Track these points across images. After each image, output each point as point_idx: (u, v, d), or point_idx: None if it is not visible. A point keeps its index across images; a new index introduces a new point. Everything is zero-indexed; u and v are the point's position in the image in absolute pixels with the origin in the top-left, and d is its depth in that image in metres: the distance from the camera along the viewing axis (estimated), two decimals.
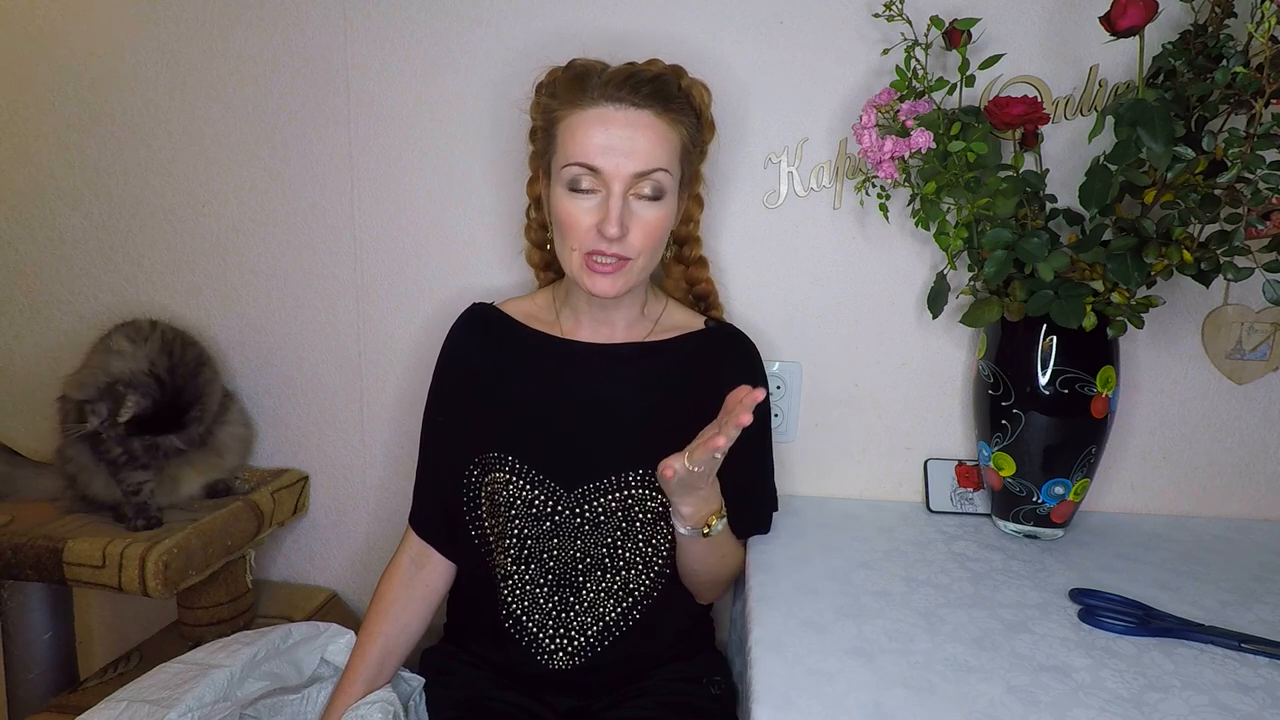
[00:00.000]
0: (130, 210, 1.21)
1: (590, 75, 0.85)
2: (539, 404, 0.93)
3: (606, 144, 0.82)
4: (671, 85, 0.86)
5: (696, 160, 0.93)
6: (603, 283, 0.86)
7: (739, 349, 0.97)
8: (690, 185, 0.94)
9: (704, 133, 0.93)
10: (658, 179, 0.84)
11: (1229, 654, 0.78)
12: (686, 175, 0.90)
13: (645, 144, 0.83)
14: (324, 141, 1.15)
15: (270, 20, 1.12)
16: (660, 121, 0.84)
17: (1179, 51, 0.86)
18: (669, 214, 0.87)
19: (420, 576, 0.97)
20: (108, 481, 1.04)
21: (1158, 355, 1.09)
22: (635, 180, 0.83)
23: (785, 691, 0.72)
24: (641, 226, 0.84)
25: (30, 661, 1.10)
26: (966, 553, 0.99)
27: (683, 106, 0.87)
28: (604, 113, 0.83)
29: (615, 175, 0.82)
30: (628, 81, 0.83)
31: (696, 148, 0.91)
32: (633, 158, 0.82)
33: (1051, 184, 0.97)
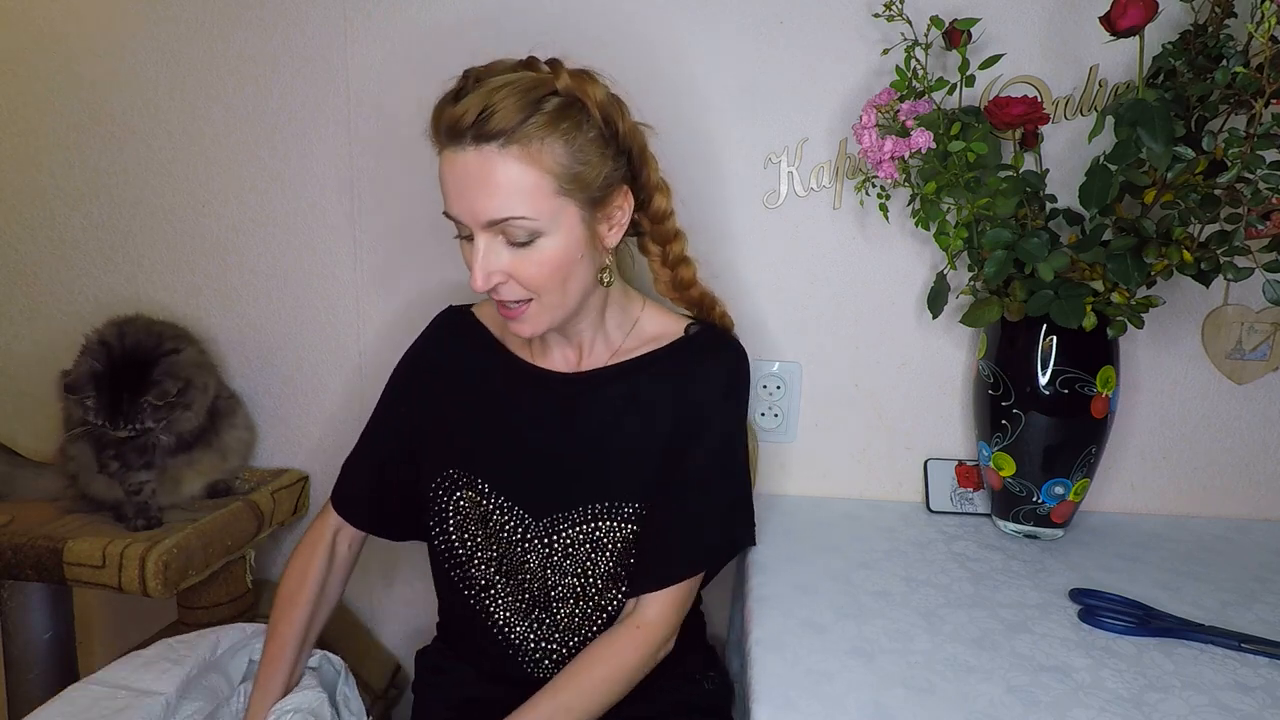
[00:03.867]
0: (130, 210, 1.21)
1: (441, 106, 0.73)
2: (506, 429, 0.89)
3: (457, 190, 0.73)
4: (515, 109, 0.70)
5: (609, 169, 0.76)
6: (517, 326, 0.79)
7: (711, 361, 0.86)
8: (610, 199, 0.78)
9: (604, 134, 0.76)
10: (519, 225, 0.72)
11: (1229, 654, 0.78)
12: (588, 195, 0.75)
13: (490, 190, 0.71)
14: (324, 141, 1.15)
15: (270, 20, 1.12)
16: (506, 160, 0.70)
17: (1179, 51, 0.86)
18: (562, 248, 0.74)
19: (339, 551, 0.94)
20: (108, 481, 1.03)
21: (1158, 355, 1.09)
22: (494, 226, 0.73)
23: (785, 691, 0.72)
24: (521, 271, 0.74)
25: (30, 661, 1.10)
26: (966, 553, 0.99)
27: (544, 127, 0.71)
28: (451, 155, 0.72)
29: (471, 223, 0.73)
30: (455, 116, 0.70)
31: (594, 161, 0.74)
32: (481, 206, 0.72)
33: (1051, 184, 0.97)
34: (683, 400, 0.84)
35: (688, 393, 0.84)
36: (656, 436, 0.84)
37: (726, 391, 0.86)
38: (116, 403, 0.97)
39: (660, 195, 0.85)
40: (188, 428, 1.06)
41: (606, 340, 0.88)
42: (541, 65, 0.75)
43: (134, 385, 0.98)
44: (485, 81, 0.72)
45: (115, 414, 0.97)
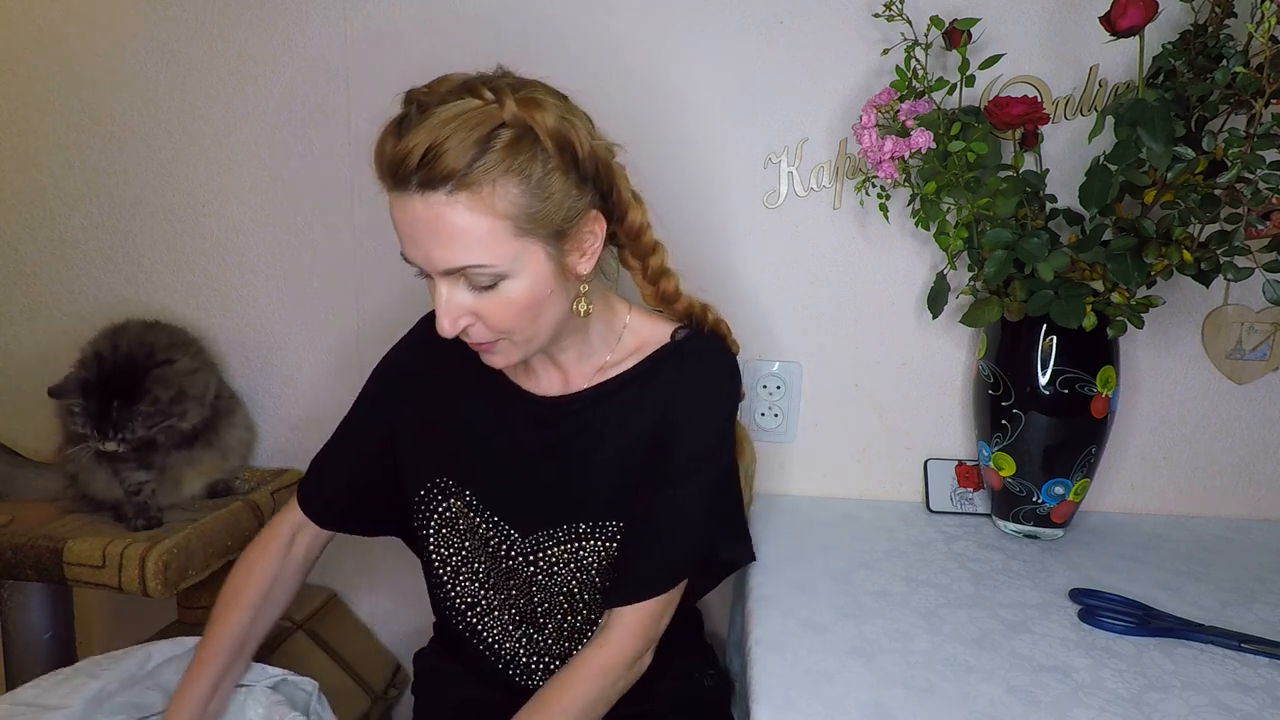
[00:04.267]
0: (130, 210, 1.21)
1: (383, 140, 0.67)
2: (491, 446, 0.86)
3: (410, 236, 0.68)
4: (462, 150, 0.63)
5: (573, 197, 0.70)
6: (489, 359, 0.76)
7: (695, 371, 0.82)
8: (579, 227, 0.72)
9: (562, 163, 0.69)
10: (478, 273, 0.68)
11: (1229, 654, 0.78)
12: (552, 229, 0.69)
13: (443, 240, 0.66)
14: (324, 141, 1.15)
15: (270, 20, 1.12)
16: (455, 209, 0.65)
17: (1179, 51, 0.86)
18: (528, 288, 0.70)
19: (295, 554, 0.90)
20: (109, 481, 1.04)
21: (1158, 355, 1.09)
22: (452, 274, 0.68)
23: (785, 691, 0.72)
24: (487, 313, 0.71)
25: (30, 661, 1.09)
26: (966, 553, 0.99)
27: (495, 167, 0.64)
28: (397, 199, 0.67)
29: (429, 270, 0.69)
30: (397, 161, 0.65)
31: (555, 193, 0.68)
32: (436, 255, 0.67)
33: (1051, 184, 0.97)
34: (665, 412, 0.80)
35: (670, 404, 0.80)
36: (638, 453, 0.81)
37: (709, 402, 0.82)
38: (105, 411, 0.97)
39: (634, 210, 0.79)
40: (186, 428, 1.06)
41: (592, 355, 0.84)
42: (485, 91, 0.66)
43: (124, 394, 0.98)
44: (430, 114, 0.65)
45: (104, 422, 0.97)
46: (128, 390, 0.98)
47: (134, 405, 0.98)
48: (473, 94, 0.66)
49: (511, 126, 0.66)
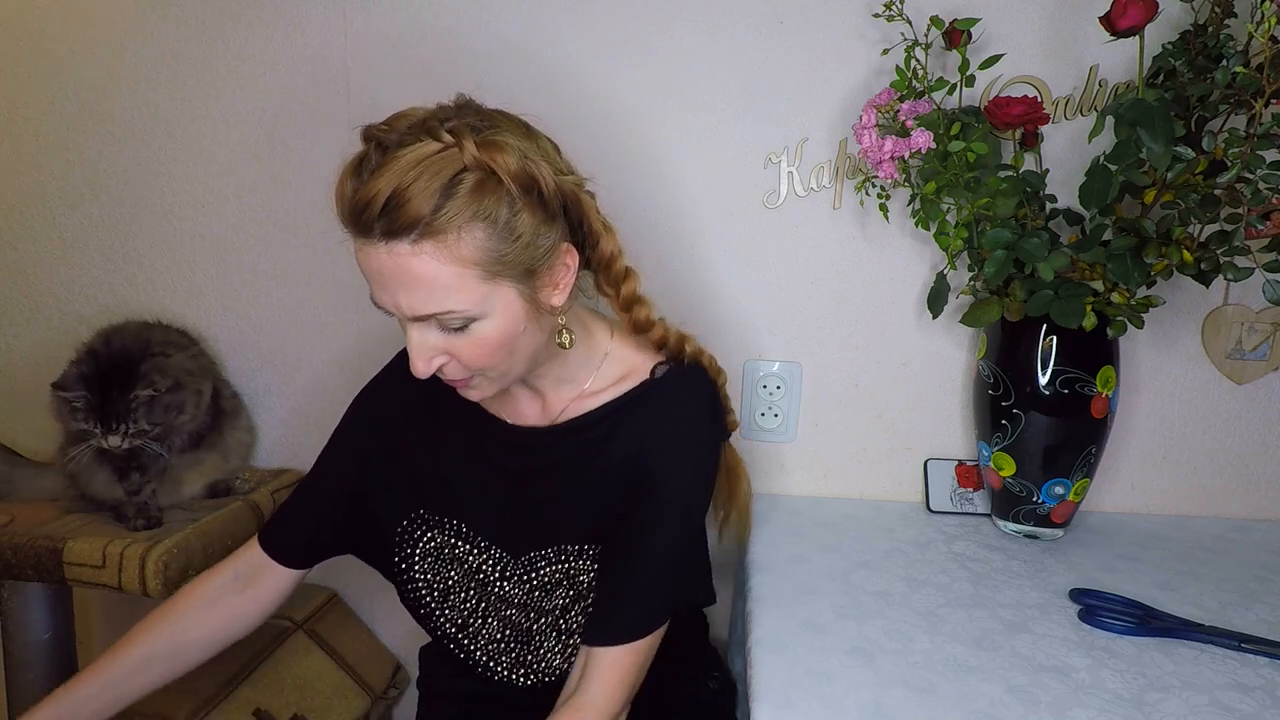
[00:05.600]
0: (130, 210, 1.21)
1: (343, 181, 0.66)
2: (476, 473, 0.85)
3: (377, 283, 0.67)
4: (425, 197, 0.62)
5: (542, 235, 0.69)
6: (465, 394, 0.76)
7: (672, 410, 0.80)
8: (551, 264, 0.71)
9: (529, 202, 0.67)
10: (448, 318, 0.67)
11: (1229, 654, 0.78)
12: (523, 269, 0.68)
13: (410, 289, 0.66)
14: (324, 141, 1.15)
15: (270, 20, 1.12)
16: (420, 259, 0.64)
17: (1179, 51, 0.86)
18: (501, 328, 0.69)
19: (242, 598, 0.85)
20: (109, 481, 1.03)
21: (1158, 355, 1.09)
22: (422, 319, 0.68)
23: (785, 691, 0.72)
24: (460, 353, 0.70)
25: (30, 661, 1.09)
26: (966, 553, 0.99)
27: (460, 214, 0.63)
28: (361, 246, 0.66)
29: (399, 315, 0.69)
30: (359, 209, 0.63)
31: (524, 234, 0.67)
32: (405, 302, 0.67)
33: (1051, 184, 0.97)
34: (643, 451, 0.79)
35: (648, 443, 0.79)
36: (615, 486, 0.80)
37: (688, 443, 0.80)
38: (106, 401, 0.96)
39: (605, 239, 0.78)
40: (188, 428, 1.06)
41: (571, 381, 0.82)
42: (443, 133, 0.64)
43: (122, 383, 0.98)
44: (391, 157, 0.63)
45: (106, 414, 0.97)
46: (125, 380, 0.98)
47: (132, 393, 0.97)
48: (431, 135, 0.64)
49: (474, 170, 0.64)
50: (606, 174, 1.11)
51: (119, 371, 0.98)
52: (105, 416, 0.97)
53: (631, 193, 1.11)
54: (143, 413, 0.98)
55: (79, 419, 0.97)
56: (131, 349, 1.02)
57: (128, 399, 0.97)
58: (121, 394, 0.97)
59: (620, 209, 1.11)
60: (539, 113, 1.09)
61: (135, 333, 1.06)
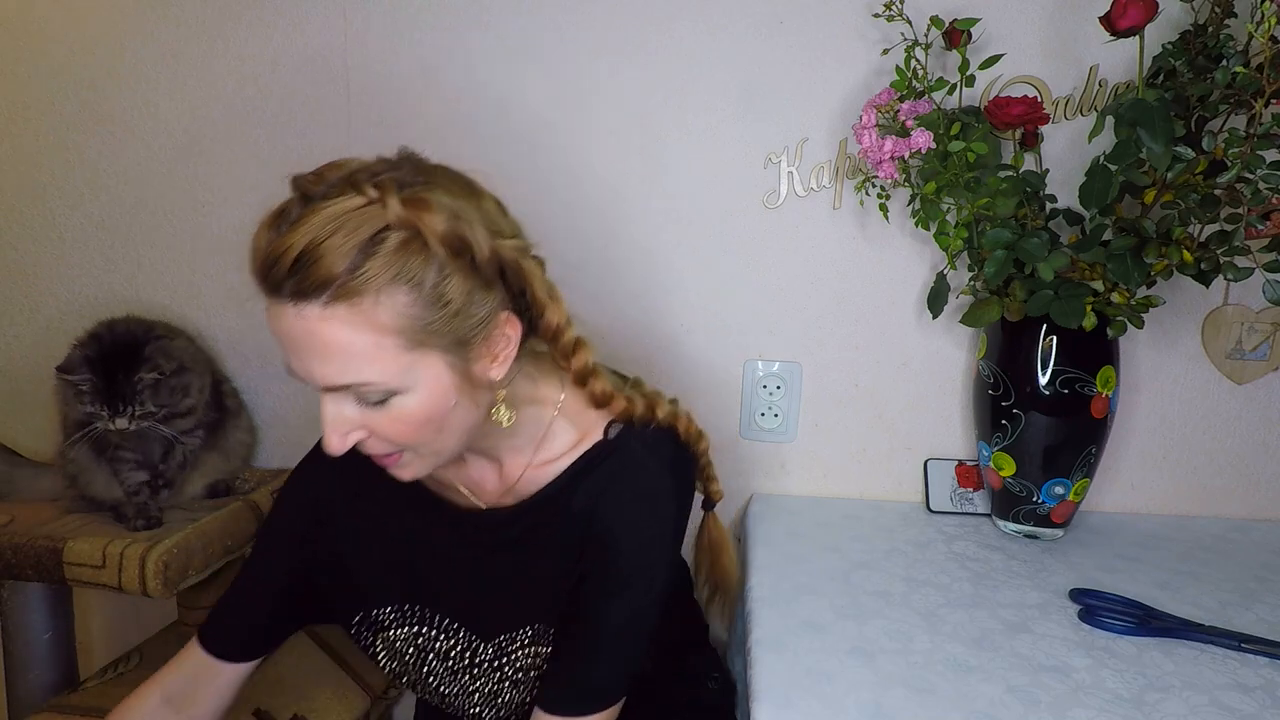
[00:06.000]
0: (130, 210, 1.21)
1: (259, 232, 0.60)
2: (436, 556, 0.79)
3: (288, 347, 0.61)
4: (340, 256, 0.56)
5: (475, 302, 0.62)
6: (395, 472, 0.69)
7: (625, 477, 0.74)
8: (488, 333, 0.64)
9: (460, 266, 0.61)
10: (365, 390, 0.61)
11: (1229, 654, 0.78)
12: (453, 339, 0.62)
13: (321, 356, 0.59)
14: (324, 141, 1.15)
15: (270, 20, 1.12)
16: (331, 324, 0.58)
17: (1179, 51, 0.86)
18: (425, 403, 0.63)
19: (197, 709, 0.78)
20: (109, 481, 1.03)
21: (1158, 355, 1.09)
22: (336, 390, 0.61)
23: (785, 691, 0.72)
24: (380, 428, 0.63)
25: (30, 661, 1.10)
26: (966, 553, 0.99)
27: (378, 277, 0.57)
28: (271, 306, 0.60)
29: (312, 385, 0.62)
30: (268, 264, 0.58)
31: (455, 300, 0.61)
32: (316, 371, 0.60)
33: (1051, 184, 0.97)
34: (596, 517, 0.73)
35: (601, 509, 0.72)
36: (575, 560, 0.74)
37: (643, 507, 0.74)
38: (111, 383, 0.96)
39: (551, 309, 0.69)
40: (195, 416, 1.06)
41: (528, 448, 0.75)
42: (368, 187, 0.58)
43: (127, 365, 0.97)
44: (309, 211, 0.58)
45: (112, 396, 0.96)
46: (129, 362, 0.98)
47: (137, 375, 0.97)
48: (356, 190, 0.58)
49: (398, 229, 0.58)
50: (607, 174, 1.11)
51: (123, 354, 0.98)
52: (111, 399, 0.96)
53: (631, 193, 1.11)
54: (149, 395, 0.98)
55: (85, 402, 0.97)
56: (135, 331, 1.02)
57: (133, 381, 0.97)
58: (127, 376, 0.97)
59: (620, 210, 1.12)
60: (539, 113, 1.11)
61: (136, 320, 1.06)
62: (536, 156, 1.12)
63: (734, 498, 1.19)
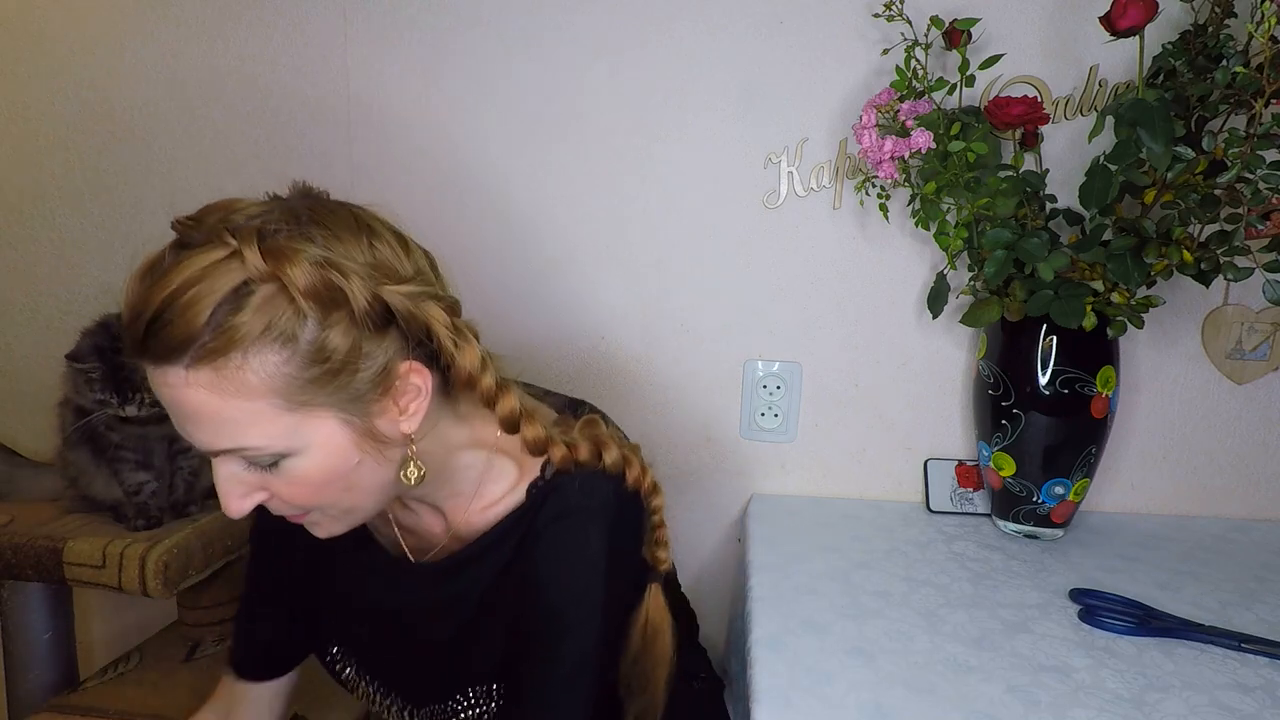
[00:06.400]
0: (130, 210, 1.21)
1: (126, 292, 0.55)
2: (368, 614, 0.77)
3: (166, 409, 0.56)
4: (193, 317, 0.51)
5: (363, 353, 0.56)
6: (314, 530, 0.64)
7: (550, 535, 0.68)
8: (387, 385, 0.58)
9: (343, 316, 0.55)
10: (250, 454, 0.56)
11: (1229, 654, 0.78)
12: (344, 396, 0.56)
13: (195, 422, 0.54)
14: (324, 141, 1.15)
15: (270, 20, 1.12)
16: (195, 390, 0.52)
17: (1179, 51, 0.86)
18: (321, 465, 0.57)
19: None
20: (108, 483, 1.03)
21: (1158, 355, 1.09)
22: (222, 454, 0.57)
23: (785, 691, 0.72)
24: (279, 491, 0.59)
25: (30, 661, 1.10)
26: (966, 553, 0.99)
27: (242, 339, 0.52)
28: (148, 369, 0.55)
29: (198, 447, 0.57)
30: (130, 321, 0.53)
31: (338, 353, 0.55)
32: (196, 436, 0.56)
33: (1051, 184, 0.97)
34: (527, 565, 0.68)
35: (532, 556, 0.68)
36: (510, 610, 0.70)
37: (569, 553, 0.67)
38: (121, 370, 0.96)
39: (462, 355, 0.61)
40: None
41: (467, 494, 0.70)
42: (229, 236, 0.52)
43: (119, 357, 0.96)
44: (174, 264, 0.52)
45: (121, 383, 0.96)
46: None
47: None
48: (220, 240, 0.52)
49: (263, 283, 0.52)
50: (606, 174, 1.11)
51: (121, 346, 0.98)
52: (120, 386, 0.96)
53: (631, 193, 1.11)
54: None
55: (95, 390, 0.96)
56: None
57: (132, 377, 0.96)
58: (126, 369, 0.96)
59: (620, 210, 1.12)
60: (539, 114, 1.10)
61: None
62: (536, 157, 1.12)
63: (734, 498, 1.19)
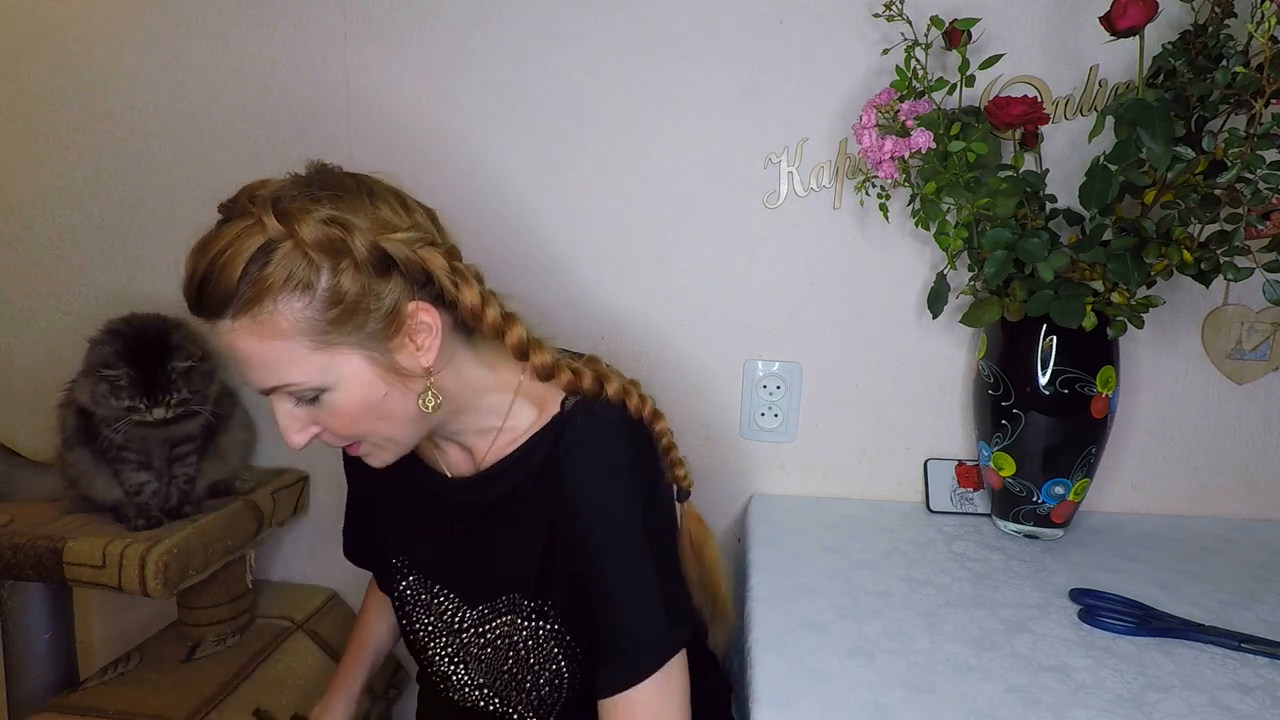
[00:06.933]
0: (130, 210, 1.21)
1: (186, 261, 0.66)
2: (422, 523, 0.87)
3: (226, 358, 0.68)
4: (228, 279, 0.62)
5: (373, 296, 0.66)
6: (368, 460, 0.76)
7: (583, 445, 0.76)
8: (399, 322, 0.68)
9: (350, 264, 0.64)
10: (293, 390, 0.67)
11: (1229, 654, 0.78)
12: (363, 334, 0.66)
13: (247, 364, 0.66)
14: (324, 141, 1.15)
15: (270, 20, 1.12)
16: (242, 336, 0.64)
17: (1179, 51, 0.86)
18: (355, 397, 0.68)
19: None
20: (109, 484, 1.03)
21: (1158, 355, 1.09)
22: (272, 392, 0.68)
23: (785, 691, 0.72)
24: (326, 423, 0.70)
25: (30, 661, 1.10)
26: (966, 553, 0.99)
27: (267, 290, 0.62)
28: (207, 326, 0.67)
29: (253, 389, 0.69)
30: (186, 289, 0.65)
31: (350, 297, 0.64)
32: (249, 377, 0.67)
33: (1051, 184, 0.97)
34: (561, 488, 0.75)
35: (565, 479, 0.75)
36: (545, 532, 0.77)
37: (601, 471, 0.75)
38: (148, 374, 0.98)
39: (464, 293, 0.70)
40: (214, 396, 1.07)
41: (492, 430, 0.79)
42: (249, 207, 0.64)
43: (159, 355, 0.99)
44: (210, 237, 0.65)
45: (151, 387, 0.98)
46: (160, 352, 0.99)
47: (170, 364, 0.99)
48: (245, 212, 0.65)
49: (281, 241, 0.63)
50: (607, 174, 1.11)
51: (152, 344, 1.00)
52: (150, 389, 0.98)
53: (631, 193, 1.11)
54: (183, 382, 1.00)
55: (123, 396, 0.97)
56: (154, 323, 1.03)
57: (167, 370, 0.99)
58: (161, 365, 0.98)
59: (620, 210, 1.12)
60: (540, 113, 1.10)
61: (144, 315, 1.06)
62: (536, 156, 1.12)
63: (734, 498, 1.19)
